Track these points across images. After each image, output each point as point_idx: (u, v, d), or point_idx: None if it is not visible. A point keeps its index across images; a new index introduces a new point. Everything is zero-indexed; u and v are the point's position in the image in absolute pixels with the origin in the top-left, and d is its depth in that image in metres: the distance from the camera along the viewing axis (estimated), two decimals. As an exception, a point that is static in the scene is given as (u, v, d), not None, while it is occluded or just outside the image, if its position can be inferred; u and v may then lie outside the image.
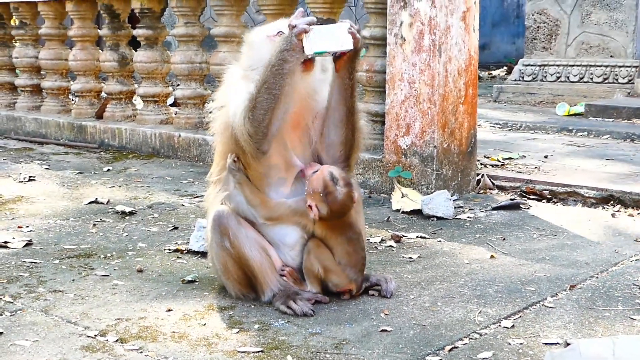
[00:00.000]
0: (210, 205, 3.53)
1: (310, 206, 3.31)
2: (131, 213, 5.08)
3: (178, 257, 4.15)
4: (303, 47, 3.16)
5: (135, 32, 7.67)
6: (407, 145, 5.45)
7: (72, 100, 8.92)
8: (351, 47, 3.22)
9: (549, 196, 5.44)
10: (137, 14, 7.57)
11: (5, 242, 4.33)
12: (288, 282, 3.41)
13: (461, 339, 3.04)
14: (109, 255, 4.17)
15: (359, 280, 3.44)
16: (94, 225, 4.81)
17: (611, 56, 10.96)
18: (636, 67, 10.71)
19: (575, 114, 9.82)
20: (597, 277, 3.79)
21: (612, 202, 5.24)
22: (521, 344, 3.00)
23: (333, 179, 3.29)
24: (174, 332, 3.10)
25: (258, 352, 2.92)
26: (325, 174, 3.31)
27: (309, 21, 3.17)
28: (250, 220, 3.42)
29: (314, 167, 3.38)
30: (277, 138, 3.31)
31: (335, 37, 3.18)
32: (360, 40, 3.29)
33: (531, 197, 5.47)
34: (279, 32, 3.31)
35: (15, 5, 8.73)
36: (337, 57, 3.30)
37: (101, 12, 7.92)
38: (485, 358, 2.87)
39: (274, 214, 3.40)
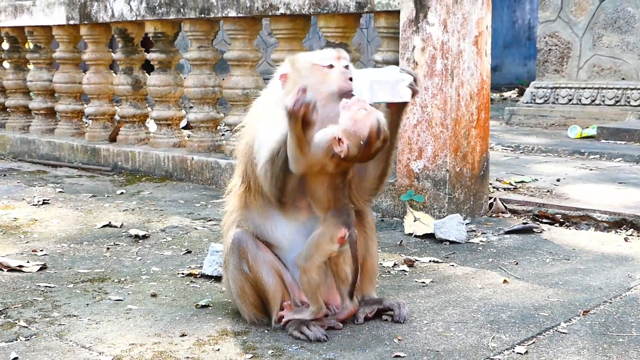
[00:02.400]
0: (226, 226, 3.53)
1: (340, 140, 3.16)
2: (144, 237, 5.10)
3: (191, 281, 4.16)
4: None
5: (148, 55, 7.73)
6: (419, 169, 5.47)
7: (86, 123, 8.97)
8: (409, 99, 3.28)
9: (561, 220, 5.44)
10: (151, 38, 7.63)
11: (20, 266, 4.35)
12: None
13: (475, 365, 3.05)
14: (122, 279, 4.18)
15: (349, 221, 3.26)
16: (108, 249, 4.83)
17: (623, 79, 10.96)
18: (648, 89, 10.72)
19: (587, 137, 9.82)
20: (610, 303, 3.79)
21: (625, 226, 5.24)
22: (535, 370, 3.00)
23: (379, 132, 3.17)
24: (187, 357, 3.11)
25: (272, 377, 2.94)
26: (373, 121, 3.16)
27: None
28: (265, 240, 3.43)
29: (359, 103, 3.20)
30: None
31: (397, 89, 3.23)
32: (418, 92, 3.33)
33: (544, 221, 5.47)
34: (330, 64, 3.32)
35: (30, 29, 8.82)
36: None
37: (115, 36, 7.98)
38: (499, 384, 2.87)
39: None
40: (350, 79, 3.28)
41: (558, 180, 6.77)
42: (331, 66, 3.32)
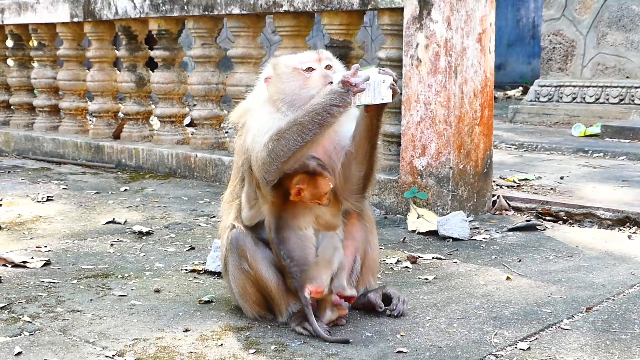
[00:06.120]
0: (223, 224, 3.53)
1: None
2: (148, 233, 5.11)
3: (195, 277, 4.17)
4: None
5: (152, 53, 7.74)
6: (422, 166, 5.47)
7: (90, 120, 8.98)
8: (390, 100, 3.26)
9: (565, 217, 5.44)
10: (155, 35, 7.63)
11: (24, 262, 4.36)
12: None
13: (477, 361, 3.05)
14: (126, 275, 4.19)
15: (319, 281, 3.25)
16: (112, 245, 4.84)
17: (627, 77, 10.95)
18: (652, 88, 10.70)
19: (591, 135, 9.81)
20: (613, 300, 3.79)
21: (628, 223, 5.24)
22: (537, 366, 3.00)
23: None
24: (191, 352, 3.12)
25: (275, 372, 2.94)
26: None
27: (365, 79, 3.17)
28: (262, 238, 3.43)
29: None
30: None
31: (378, 91, 3.22)
32: (398, 92, 3.32)
33: (547, 218, 5.47)
34: (308, 67, 3.30)
35: (34, 26, 8.82)
36: None
37: (119, 33, 7.99)
38: (502, 380, 2.88)
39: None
40: (331, 83, 3.26)
41: (562, 178, 6.77)
42: (312, 69, 3.31)
